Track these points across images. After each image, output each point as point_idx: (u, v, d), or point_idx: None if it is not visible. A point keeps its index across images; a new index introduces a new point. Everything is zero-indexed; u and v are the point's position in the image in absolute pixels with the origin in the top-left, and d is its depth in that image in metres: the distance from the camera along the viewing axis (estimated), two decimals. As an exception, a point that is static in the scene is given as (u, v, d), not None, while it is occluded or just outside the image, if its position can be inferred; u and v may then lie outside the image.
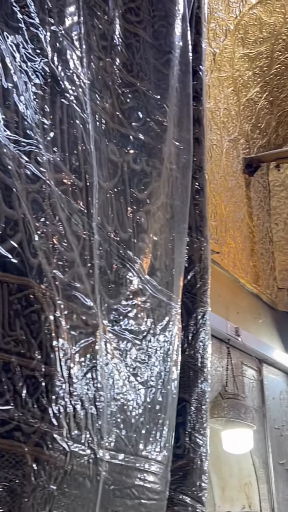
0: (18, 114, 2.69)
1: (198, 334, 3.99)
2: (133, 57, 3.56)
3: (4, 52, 2.67)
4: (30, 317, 2.54)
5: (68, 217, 2.87)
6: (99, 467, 2.79)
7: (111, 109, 3.34)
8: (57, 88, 2.94)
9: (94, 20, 3.30)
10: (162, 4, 3.82)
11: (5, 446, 2.37)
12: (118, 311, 3.13)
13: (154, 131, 3.60)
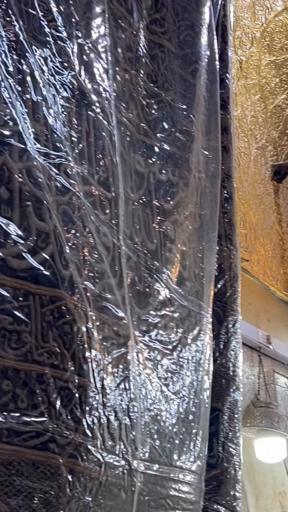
0: (48, 127, 2.72)
1: (229, 343, 3.98)
2: (158, 68, 3.57)
3: (33, 65, 2.70)
4: (63, 329, 2.56)
5: (97, 228, 2.89)
6: (133, 478, 2.79)
7: (136, 121, 3.35)
8: (84, 101, 2.96)
9: (119, 32, 3.32)
10: (187, 14, 3.83)
11: (40, 457, 2.39)
12: (148, 321, 3.13)
13: (180, 141, 3.61)
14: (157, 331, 3.18)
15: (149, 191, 3.37)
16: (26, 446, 2.35)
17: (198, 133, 3.74)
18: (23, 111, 2.61)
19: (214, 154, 3.90)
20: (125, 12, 3.38)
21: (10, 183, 2.49)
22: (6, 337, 2.38)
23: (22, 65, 2.65)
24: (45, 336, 2.49)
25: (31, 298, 2.48)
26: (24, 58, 2.67)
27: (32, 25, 2.74)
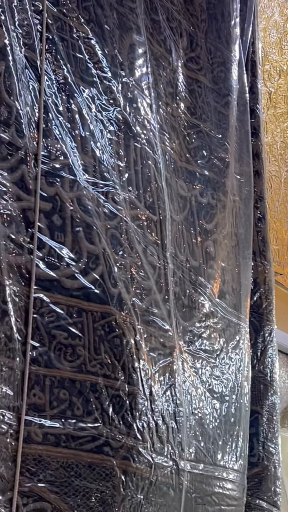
0: (96, 159, 2.72)
1: (266, 351, 3.96)
2: (196, 101, 3.57)
3: (81, 104, 2.71)
4: (113, 342, 2.56)
5: (144, 249, 2.89)
6: (181, 477, 2.78)
7: (178, 149, 3.36)
8: (130, 133, 2.96)
9: (160, 70, 3.33)
10: (219, 52, 3.83)
11: (96, 460, 2.39)
12: (193, 332, 3.12)
13: (217, 167, 3.60)
14: (201, 341, 3.17)
15: (191, 212, 3.37)
16: (82, 449, 2.36)
17: (232, 160, 3.74)
18: (73, 146, 2.62)
19: (246, 178, 3.89)
20: (164, 52, 3.39)
21: (62, 211, 2.50)
22: (62, 351, 2.38)
23: (71, 104, 2.67)
24: (97, 349, 2.49)
25: (84, 315, 2.49)
26: (72, 98, 2.68)
27: (79, 67, 2.76)
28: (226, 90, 3.82)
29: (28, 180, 2.39)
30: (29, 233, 2.36)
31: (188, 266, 3.21)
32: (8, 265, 2.24)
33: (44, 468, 2.23)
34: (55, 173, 2.51)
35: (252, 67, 4.30)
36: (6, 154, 2.33)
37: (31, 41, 2.53)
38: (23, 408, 2.19)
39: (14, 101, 2.39)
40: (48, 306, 2.37)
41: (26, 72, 2.48)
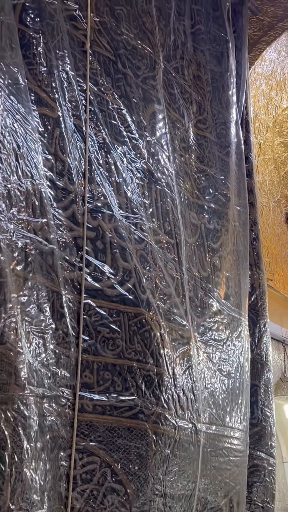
0: (127, 198, 2.75)
1: (262, 338, 3.94)
2: (203, 152, 3.58)
3: (115, 158, 2.73)
4: (144, 335, 2.57)
5: (165, 264, 2.90)
6: (198, 436, 2.78)
7: (190, 189, 3.37)
8: (152, 179, 2.98)
9: (176, 130, 3.34)
10: (221, 115, 3.84)
11: (133, 424, 2.40)
12: (204, 326, 3.12)
13: (221, 201, 3.61)
14: (211, 333, 3.17)
15: (201, 236, 3.36)
16: (122, 416, 2.37)
17: (232, 195, 3.74)
18: (110, 189, 2.65)
19: (243, 209, 3.89)
20: (178, 117, 3.41)
21: (103, 238, 2.53)
22: (105, 342, 2.41)
23: (108, 158, 2.69)
24: (131, 340, 2.51)
25: (121, 315, 2.51)
26: (109, 154, 2.71)
27: (114, 131, 2.78)
28: (226, 143, 3.83)
29: (77, 215, 2.43)
30: (79, 255, 2.39)
31: (200, 277, 3.22)
32: (64, 279, 2.28)
33: (94, 431, 2.26)
34: (97, 210, 2.54)
35: (246, 125, 4.30)
36: (61, 197, 2.37)
37: (78, 112, 2.57)
38: (77, 386, 2.22)
39: (66, 157, 2.43)
40: (94, 309, 2.39)
41: (75, 136, 2.52)
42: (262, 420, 3.72)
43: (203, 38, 3.84)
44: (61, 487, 2.10)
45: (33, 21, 2.39)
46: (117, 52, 2.93)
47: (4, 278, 1.94)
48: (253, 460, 3.55)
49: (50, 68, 2.44)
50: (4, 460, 1.82)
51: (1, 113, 2.06)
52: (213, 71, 3.89)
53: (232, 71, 4.08)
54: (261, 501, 3.63)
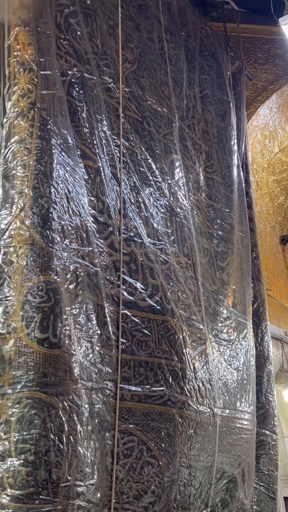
0: (154, 229, 2.76)
1: (263, 337, 3.89)
2: (211, 191, 3.58)
3: (144, 197, 2.75)
4: (170, 337, 2.56)
5: (185, 280, 2.90)
6: (215, 418, 2.75)
7: (202, 220, 3.37)
8: (173, 213, 2.99)
9: (189, 174, 3.35)
10: (225, 161, 3.85)
11: (163, 409, 2.39)
12: (217, 329, 3.10)
13: (227, 229, 3.60)
14: (222, 335, 3.14)
15: (212, 257, 3.35)
16: (154, 403, 2.36)
17: (236, 224, 3.73)
18: (140, 222, 2.66)
19: (245, 234, 3.87)
20: (191, 163, 3.42)
21: (136, 261, 2.54)
22: (139, 344, 2.41)
23: (138, 198, 2.71)
24: (160, 342, 2.50)
25: (151, 322, 2.50)
26: (139, 194, 2.73)
27: (142, 176, 2.80)
28: (230, 183, 3.83)
29: (115, 244, 2.44)
30: (117, 275, 2.41)
31: (212, 290, 3.20)
32: (106, 294, 2.29)
33: (132, 415, 2.26)
34: (130, 239, 2.55)
35: (246, 167, 4.30)
36: (102, 229, 2.39)
37: (113, 162, 2.59)
38: (118, 379, 2.22)
39: (105, 198, 2.46)
40: (130, 317, 2.40)
41: (112, 181, 2.55)
42: (266, 404, 3.67)
43: (210, 101, 3.87)
44: (107, 461, 2.10)
45: (78, 93, 2.44)
46: (143, 114, 2.97)
47: (60, 295, 1.96)
48: (259, 436, 3.50)
49: (92, 129, 2.47)
50: (62, 441, 1.82)
51: (55, 166, 2.09)
52: (218, 126, 3.90)
53: (234, 125, 4.09)
54: (266, 469, 3.58)
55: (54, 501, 1.76)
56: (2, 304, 1.87)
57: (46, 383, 1.81)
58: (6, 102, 2.09)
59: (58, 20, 2.42)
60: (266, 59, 5.14)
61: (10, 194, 2.00)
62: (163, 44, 3.39)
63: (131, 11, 3.18)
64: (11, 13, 2.12)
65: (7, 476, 1.71)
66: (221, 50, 4.25)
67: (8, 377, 1.79)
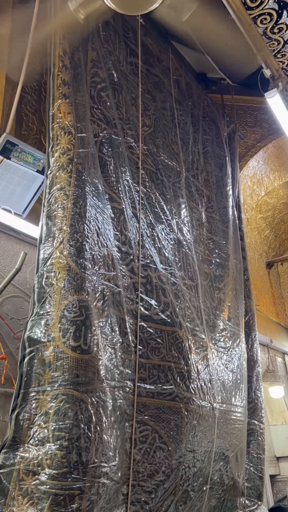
0: (165, 257, 2.74)
1: (253, 344, 3.82)
2: (211, 226, 3.57)
3: (158, 232, 2.74)
4: (178, 345, 2.52)
5: (190, 298, 2.86)
6: (214, 411, 2.68)
7: (203, 250, 3.34)
8: (180, 244, 2.97)
9: (193, 213, 3.34)
10: (222, 203, 3.84)
11: (172, 404, 2.33)
12: (215, 339, 3.05)
13: (223, 257, 3.57)
14: (220, 343, 3.09)
15: (211, 280, 3.32)
16: (165, 399, 2.31)
17: (231, 253, 3.70)
18: (154, 252, 2.64)
19: (238, 261, 3.84)
20: (195, 205, 3.42)
21: (151, 283, 2.51)
22: (153, 350, 2.36)
23: (153, 232, 2.70)
24: (170, 349, 2.46)
25: (163, 332, 2.46)
26: (154, 229, 2.72)
27: (156, 215, 2.79)
28: (226, 220, 3.82)
29: (134, 269, 2.43)
30: (136, 294, 2.38)
31: (211, 306, 3.16)
32: (127, 309, 2.27)
33: (147, 408, 2.21)
34: (147, 265, 2.54)
35: (238, 208, 4.29)
36: (124, 257, 2.38)
37: (134, 204, 2.59)
38: (136, 379, 2.18)
39: (127, 233, 2.45)
40: (146, 328, 2.37)
41: (132, 219, 2.54)
42: (255, 399, 3.58)
43: (210, 155, 3.87)
44: (126, 446, 2.05)
45: (107, 150, 2.45)
46: (157, 167, 2.97)
47: (90, 311, 1.94)
48: (249, 425, 3.41)
49: (117, 178, 2.48)
50: (90, 429, 1.78)
51: (88, 208, 2.09)
52: (217, 176, 3.90)
53: (229, 174, 4.09)
54: (255, 453, 3.47)
55: (84, 479, 1.72)
56: (44, 318, 1.85)
57: (78, 382, 1.78)
58: (50, 158, 2.10)
59: (92, 93, 2.45)
60: (254, 122, 5.15)
61: (52, 230, 2.00)
62: (174, 111, 3.42)
63: (149, 86, 3.22)
64: (55, 88, 2.14)
65: (45, 458, 1.68)
66: (219, 116, 4.28)
67: (47, 377, 1.77)
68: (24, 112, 2.63)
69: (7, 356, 2.03)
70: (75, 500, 1.68)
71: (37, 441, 1.70)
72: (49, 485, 1.65)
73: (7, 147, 2.09)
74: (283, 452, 5.07)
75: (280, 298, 6.79)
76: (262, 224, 6.19)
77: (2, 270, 2.24)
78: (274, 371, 5.56)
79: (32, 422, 1.72)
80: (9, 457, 1.70)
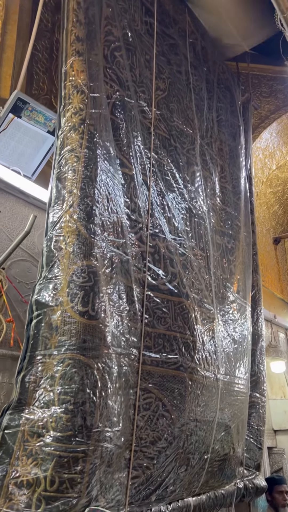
0: (175, 227, 2.70)
1: (258, 319, 3.83)
2: (224, 197, 3.51)
3: (168, 201, 2.69)
4: (184, 315, 2.51)
5: (199, 269, 2.84)
6: (218, 382, 2.70)
7: (216, 221, 3.30)
8: (192, 214, 2.93)
9: (207, 183, 3.28)
10: (235, 174, 3.76)
11: (176, 373, 2.34)
12: (224, 310, 3.04)
13: (235, 229, 3.53)
14: (228, 315, 3.08)
15: (223, 251, 3.29)
16: (170, 368, 2.31)
17: (242, 225, 3.66)
18: (164, 222, 2.60)
19: (248, 234, 3.80)
20: (209, 174, 3.34)
21: (159, 252, 2.48)
22: (159, 320, 2.35)
23: (163, 201, 2.65)
24: (176, 319, 2.45)
25: (170, 302, 2.45)
26: (164, 198, 2.67)
27: (167, 183, 2.74)
28: (238, 191, 3.75)
29: (143, 238, 2.39)
30: (144, 263, 2.36)
31: (221, 278, 3.14)
32: (134, 278, 2.24)
33: (151, 376, 2.21)
34: (155, 234, 2.49)
35: (250, 180, 4.21)
36: (133, 225, 2.34)
37: (144, 171, 2.53)
38: (141, 347, 2.17)
39: (137, 200, 2.40)
40: (152, 298, 2.35)
41: (143, 186, 2.49)
42: (258, 372, 3.61)
43: (224, 124, 3.77)
44: (130, 413, 2.06)
45: (119, 113, 2.37)
46: (170, 133, 2.89)
47: (98, 277, 1.92)
48: (251, 398, 3.45)
49: (129, 143, 2.41)
50: (96, 394, 1.79)
51: (99, 172, 2.04)
52: (230, 145, 3.81)
53: (242, 145, 3.99)
54: (256, 425, 3.52)
55: (88, 443, 1.73)
56: (52, 282, 1.83)
57: (85, 347, 1.78)
58: (61, 118, 2.03)
59: (106, 53, 2.36)
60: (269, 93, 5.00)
61: (62, 193, 1.95)
62: (189, 76, 3.31)
63: (164, 48, 3.10)
64: (68, 44, 2.05)
65: (50, 420, 1.68)
66: (234, 83, 4.15)
67: (54, 341, 1.76)
68: (35, 70, 2.55)
69: (15, 319, 2.02)
70: (79, 462, 1.70)
71: (42, 404, 1.70)
72: (54, 447, 1.66)
73: (18, 105, 2.02)
74: (281, 426, 5.14)
75: (285, 274, 6.76)
76: (272, 198, 6.10)
77: (11, 233, 2.20)
78: (276, 346, 5.59)
79: (37, 385, 1.72)
80: (14, 418, 1.71)
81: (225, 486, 2.90)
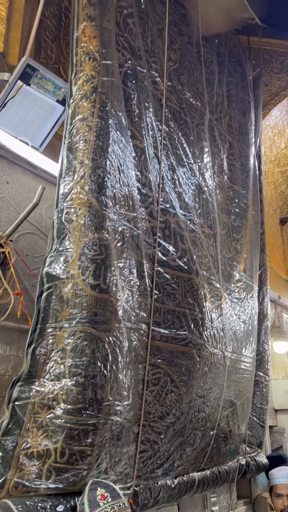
0: (185, 202, 2.66)
1: (264, 298, 3.81)
2: (232, 174, 3.45)
3: (178, 176, 2.64)
4: (193, 292, 2.49)
5: (207, 247, 2.81)
6: (225, 360, 2.69)
7: (223, 199, 3.25)
8: (201, 190, 2.88)
9: (215, 159, 3.22)
10: (244, 151, 3.69)
11: (185, 349, 2.33)
12: (230, 289, 3.02)
13: (242, 207, 3.48)
14: (234, 294, 3.07)
15: (229, 230, 3.25)
16: (178, 344, 2.31)
17: (250, 203, 3.61)
18: (174, 197, 2.56)
19: (256, 213, 3.75)
20: (217, 151, 3.28)
21: (170, 228, 2.45)
22: (169, 296, 2.33)
23: (174, 176, 2.60)
24: (185, 295, 2.43)
25: (180, 278, 2.43)
26: (174, 172, 2.62)
27: (178, 157, 2.68)
28: (247, 169, 3.69)
29: (154, 213, 2.35)
30: (154, 238, 2.32)
31: (228, 257, 3.11)
32: (145, 253, 2.21)
33: (160, 352, 2.20)
34: (166, 210, 2.46)
35: (258, 158, 4.13)
36: (144, 200, 2.30)
37: (156, 144, 2.48)
38: (151, 323, 2.16)
39: (148, 174, 2.36)
40: (162, 274, 2.32)
41: (154, 160, 2.44)
42: (262, 351, 3.61)
43: (234, 100, 3.68)
44: (139, 387, 2.06)
45: (131, 83, 2.31)
46: (181, 106, 2.82)
47: (110, 251, 1.89)
48: (255, 377, 3.45)
49: (140, 114, 2.35)
50: (107, 368, 1.78)
51: (111, 142, 1.99)
52: (240, 122, 3.73)
53: (252, 122, 3.91)
54: (259, 403, 3.54)
55: (98, 416, 1.73)
56: (63, 254, 1.80)
57: (96, 320, 1.76)
58: (72, 86, 1.97)
59: (118, 19, 2.28)
60: (280, 69, 4.88)
61: (73, 164, 1.90)
62: (200, 48, 3.21)
63: (176, 18, 3.00)
64: (80, 9, 1.98)
65: (61, 393, 1.68)
66: (245, 58, 4.04)
67: (65, 313, 1.74)
68: (43, 38, 2.47)
69: (22, 292, 2.00)
70: (89, 435, 1.70)
71: (53, 376, 1.69)
72: (64, 419, 1.66)
73: (27, 72, 1.95)
74: (282, 405, 5.19)
75: (291, 254, 6.76)
76: (280, 178, 6.01)
77: (18, 205, 2.16)
78: (280, 327, 5.59)
79: (48, 357, 1.71)
80: (24, 390, 1.70)
81: (228, 462, 2.93)
